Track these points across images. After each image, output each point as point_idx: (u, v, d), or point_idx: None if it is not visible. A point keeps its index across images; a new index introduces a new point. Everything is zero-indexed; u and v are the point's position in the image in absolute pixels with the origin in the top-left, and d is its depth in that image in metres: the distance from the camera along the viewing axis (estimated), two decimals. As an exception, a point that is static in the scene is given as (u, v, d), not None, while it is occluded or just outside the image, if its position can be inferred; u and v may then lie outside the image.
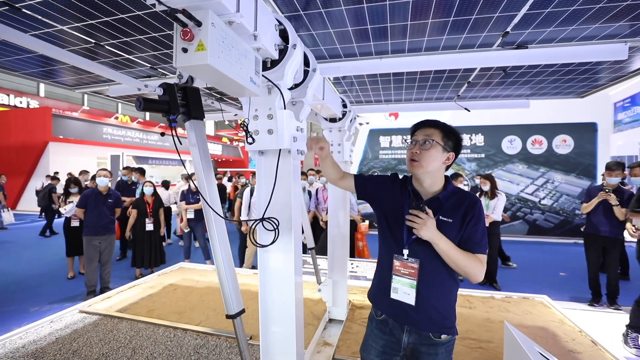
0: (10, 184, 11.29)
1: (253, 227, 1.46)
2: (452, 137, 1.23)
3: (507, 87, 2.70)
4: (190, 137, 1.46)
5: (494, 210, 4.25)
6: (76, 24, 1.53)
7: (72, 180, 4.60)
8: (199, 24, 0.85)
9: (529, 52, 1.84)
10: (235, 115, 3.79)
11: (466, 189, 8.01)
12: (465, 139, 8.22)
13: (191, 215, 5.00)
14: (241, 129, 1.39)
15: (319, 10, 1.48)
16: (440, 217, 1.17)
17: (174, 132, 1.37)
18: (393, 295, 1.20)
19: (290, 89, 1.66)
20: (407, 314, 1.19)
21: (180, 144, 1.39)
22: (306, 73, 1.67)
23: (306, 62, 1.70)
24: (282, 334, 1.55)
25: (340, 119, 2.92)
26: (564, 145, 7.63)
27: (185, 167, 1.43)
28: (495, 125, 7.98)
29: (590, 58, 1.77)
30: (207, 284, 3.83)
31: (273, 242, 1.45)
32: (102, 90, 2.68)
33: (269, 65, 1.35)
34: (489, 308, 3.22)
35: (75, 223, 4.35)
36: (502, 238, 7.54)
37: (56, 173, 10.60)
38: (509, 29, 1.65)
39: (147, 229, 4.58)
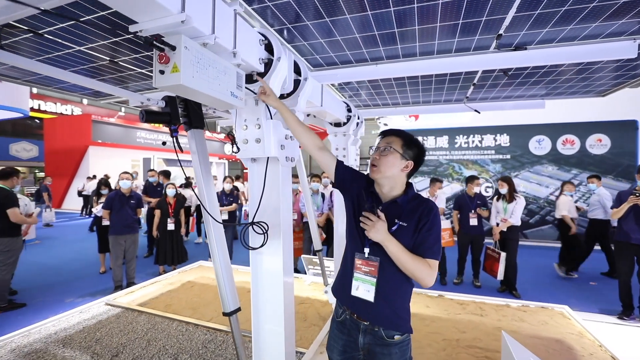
0: (56, 185, 12.40)
1: (242, 230, 1.55)
2: (413, 147, 1.27)
3: (516, 87, 2.61)
4: (191, 145, 1.58)
5: (512, 214, 4.06)
6: (91, 45, 1.72)
7: (102, 182, 5.00)
8: (173, 48, 0.94)
9: (528, 53, 1.78)
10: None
11: (489, 192, 7.57)
12: (490, 139, 7.88)
13: (225, 217, 5.24)
14: (228, 137, 1.48)
15: (304, 23, 1.54)
16: (399, 222, 1.22)
17: (175, 140, 1.51)
18: (354, 293, 1.26)
19: (282, 97, 1.73)
20: (366, 309, 1.25)
21: (181, 151, 1.53)
22: (297, 82, 1.73)
23: (298, 72, 1.76)
24: (272, 332, 1.62)
25: (345, 124, 2.96)
26: (599, 145, 7.09)
27: (183, 171, 1.54)
28: (521, 124, 7.58)
29: (593, 57, 1.68)
30: (221, 282, 4.00)
31: (262, 245, 1.53)
32: (124, 100, 2.91)
33: (255, 78, 1.43)
34: (502, 317, 3.09)
35: (106, 222, 4.70)
36: (531, 244, 7.15)
37: (94, 176, 11.47)
38: (501, 32, 1.62)
39: (169, 228, 4.86)
